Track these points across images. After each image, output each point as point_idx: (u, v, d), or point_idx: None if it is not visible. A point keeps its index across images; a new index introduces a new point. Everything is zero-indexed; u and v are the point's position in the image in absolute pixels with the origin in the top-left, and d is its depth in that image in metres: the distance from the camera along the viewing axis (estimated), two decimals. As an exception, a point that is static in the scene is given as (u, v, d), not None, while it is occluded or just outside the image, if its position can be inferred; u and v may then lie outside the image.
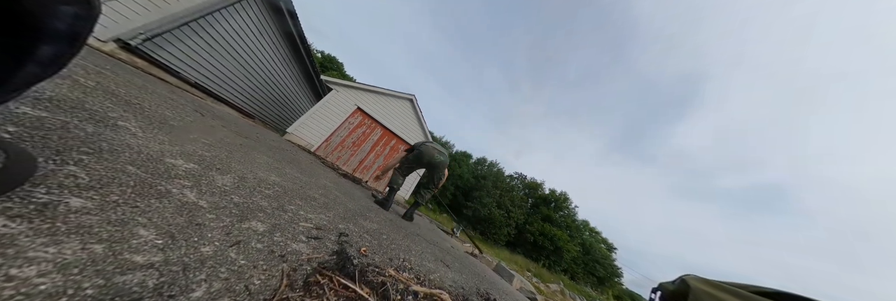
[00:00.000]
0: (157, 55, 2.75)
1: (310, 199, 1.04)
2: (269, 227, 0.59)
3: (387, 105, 5.87)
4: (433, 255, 1.33)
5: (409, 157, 2.25)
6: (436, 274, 1.00)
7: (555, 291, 7.00)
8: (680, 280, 0.62)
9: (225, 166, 0.85)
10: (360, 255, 0.74)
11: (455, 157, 19.27)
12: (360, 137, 5.49)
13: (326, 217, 0.93)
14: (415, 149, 2.28)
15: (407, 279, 0.77)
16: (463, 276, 1.27)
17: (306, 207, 0.91)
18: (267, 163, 1.26)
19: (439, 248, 1.65)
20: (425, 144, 2.25)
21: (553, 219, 16.65)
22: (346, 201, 1.43)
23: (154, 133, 0.77)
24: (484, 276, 1.66)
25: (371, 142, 5.69)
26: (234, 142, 1.31)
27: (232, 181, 0.75)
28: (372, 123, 5.68)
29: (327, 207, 1.07)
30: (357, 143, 5.45)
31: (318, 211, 0.94)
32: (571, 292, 8.62)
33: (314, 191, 1.24)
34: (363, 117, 5.50)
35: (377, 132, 5.80)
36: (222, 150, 1.03)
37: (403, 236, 1.34)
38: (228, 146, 1.14)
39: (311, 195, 1.13)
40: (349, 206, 1.33)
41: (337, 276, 0.54)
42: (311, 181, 1.47)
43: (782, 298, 0.47)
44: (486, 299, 1.09)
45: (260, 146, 1.64)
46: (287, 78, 5.17)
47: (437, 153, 2.20)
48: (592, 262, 15.38)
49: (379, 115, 5.69)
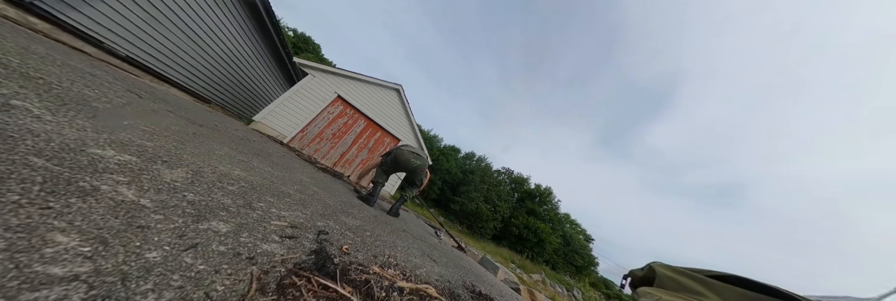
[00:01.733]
0: (68, 17, 2.21)
1: (283, 196, 0.97)
2: (234, 227, 0.55)
3: (371, 95, 5.54)
4: (420, 250, 1.36)
5: (387, 161, 2.26)
6: (422, 269, 1.03)
7: (536, 281, 7.71)
8: (647, 267, 0.73)
9: (174, 159, 0.75)
10: (342, 254, 0.73)
11: (443, 151, 19.33)
12: (342, 129, 5.19)
13: (303, 214, 0.89)
14: (389, 154, 2.28)
15: (392, 276, 0.78)
16: (449, 270, 1.32)
17: (279, 204, 0.85)
18: (229, 155, 1.14)
19: (426, 244, 1.69)
20: (400, 149, 2.25)
21: (537, 212, 17.87)
22: (325, 197, 1.38)
23: (69, 117, 0.65)
24: (470, 269, 1.75)
25: (353, 133, 5.41)
26: (186, 130, 1.16)
27: (184, 176, 0.66)
28: (354, 114, 5.37)
29: (304, 204, 1.02)
30: (338, 134, 5.15)
31: (293, 208, 0.89)
32: (552, 281, 9.57)
33: (288, 186, 1.17)
34: (345, 107, 5.16)
35: (360, 123, 5.52)
36: (170, 139, 0.90)
37: (389, 232, 1.35)
38: (178, 135, 1.00)
39: (285, 191, 1.06)
40: (329, 203, 1.28)
41: (315, 277, 0.52)
42: (285, 176, 1.38)
43: (730, 280, 0.58)
44: (471, 291, 1.16)
45: (220, 136, 1.48)
46: (252, 57, 4.56)
47: (412, 158, 2.19)
48: (572, 252, 17.06)
49: (362, 106, 5.37)
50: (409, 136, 6.44)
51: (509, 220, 16.98)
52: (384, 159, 2.30)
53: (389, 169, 2.26)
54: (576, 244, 17.74)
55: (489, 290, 1.41)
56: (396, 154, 2.20)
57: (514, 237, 15.81)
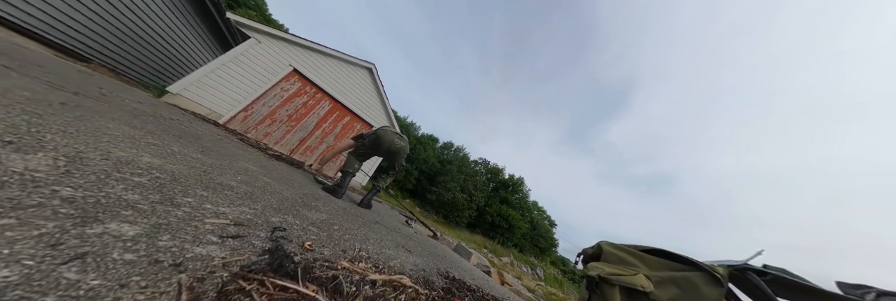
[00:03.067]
0: None
1: (222, 188, 0.84)
2: (147, 229, 0.45)
3: (338, 72, 4.89)
4: (394, 241, 1.38)
5: (366, 143, 2.11)
6: (396, 260, 1.06)
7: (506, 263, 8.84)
8: (596, 245, 0.88)
9: (29, 139, 0.55)
10: (305, 251, 0.68)
11: (421, 140, 19.10)
12: (300, 110, 4.54)
13: (251, 210, 0.78)
14: (364, 137, 2.14)
15: (364, 269, 0.77)
16: (424, 259, 1.37)
17: (216, 199, 0.73)
18: (131, 136, 0.90)
19: (401, 235, 1.72)
20: (383, 129, 2.13)
21: (510, 201, 19.77)
22: (281, 189, 1.24)
23: None
24: (444, 257, 1.87)
25: (316, 116, 4.82)
26: (47, 98, 0.85)
27: (50, 164, 0.50)
28: (317, 93, 4.72)
29: (252, 198, 0.90)
30: (295, 116, 4.52)
31: (236, 203, 0.78)
32: (519, 263, 11.16)
33: (229, 177, 1.01)
34: (304, 84, 4.46)
35: (324, 105, 4.92)
36: (16, 110, 0.65)
37: (360, 225, 1.31)
38: (32, 105, 0.73)
39: (225, 183, 0.91)
40: (286, 195, 1.16)
41: (271, 278, 0.48)
42: (224, 164, 1.17)
43: (654, 252, 0.75)
44: (445, 277, 1.25)
45: (112, 109, 1.15)
46: (163, 6, 3.45)
47: (397, 138, 2.11)
48: (537, 236, 19.79)
49: (327, 85, 4.73)
50: (384, 122, 6.06)
51: (484, 209, 18.46)
52: (361, 142, 2.14)
53: (369, 151, 2.12)
54: (541, 229, 20.56)
55: (462, 275, 1.53)
56: (379, 134, 2.07)
57: (487, 224, 17.41)
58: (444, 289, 1.05)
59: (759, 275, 0.61)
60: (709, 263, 0.64)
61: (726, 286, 0.60)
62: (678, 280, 0.63)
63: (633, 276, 0.67)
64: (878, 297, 0.52)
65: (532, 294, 3.52)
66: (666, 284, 0.63)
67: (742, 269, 0.62)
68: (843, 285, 0.57)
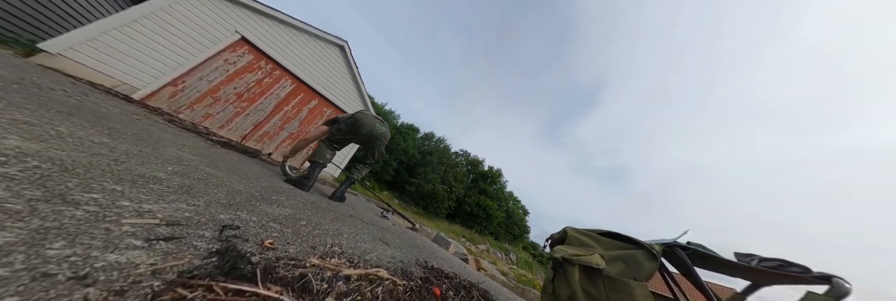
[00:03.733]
0: None
1: (146, 182, 0.70)
2: (25, 236, 0.35)
3: (303, 48, 4.25)
4: (370, 235, 1.36)
5: (342, 127, 1.94)
6: (373, 254, 1.05)
7: (482, 250, 9.58)
8: (562, 231, 1.00)
9: None
10: (265, 250, 0.62)
11: (400, 129, 18.52)
12: (253, 88, 3.91)
13: (190, 206, 0.67)
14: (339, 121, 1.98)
15: (337, 265, 0.75)
16: (403, 250, 1.39)
17: (137, 194, 0.61)
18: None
19: (378, 228, 1.70)
20: (362, 112, 1.97)
21: (488, 192, 20.96)
22: (231, 182, 1.09)
23: None
24: (423, 248, 1.92)
25: (274, 97, 4.23)
26: None
27: None
28: (275, 70, 4.07)
29: (191, 192, 0.77)
30: (247, 96, 3.89)
31: (168, 198, 0.66)
32: (494, 249, 12.24)
33: (155, 167, 0.84)
34: (257, 57, 3.80)
35: (286, 85, 4.32)
36: None
37: (332, 220, 1.25)
38: None
39: (149, 174, 0.76)
40: (239, 189, 1.03)
41: (221, 283, 0.43)
42: (146, 152, 0.97)
43: (610, 235, 0.87)
44: (424, 267, 1.29)
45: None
46: None
47: (378, 123, 1.99)
48: (512, 224, 21.61)
49: (288, 61, 4.10)
50: (359, 108, 5.63)
51: (463, 200, 19.31)
52: (336, 127, 1.97)
53: (345, 137, 1.97)
54: (515, 217, 22.47)
55: (441, 264, 1.60)
56: (357, 118, 1.92)
57: (466, 215, 18.37)
58: (423, 278, 1.09)
59: (683, 249, 0.76)
60: (648, 242, 0.78)
61: (660, 260, 0.74)
62: (625, 257, 0.75)
63: (589, 256, 0.77)
64: (760, 262, 0.72)
65: (505, 277, 3.92)
66: (615, 261, 0.75)
67: (671, 246, 0.78)
68: (738, 255, 0.76)
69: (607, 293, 0.69)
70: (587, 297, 0.72)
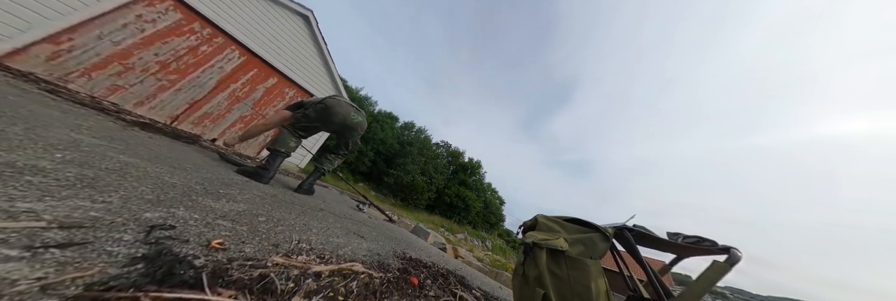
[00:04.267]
0: None
1: (18, 173, 0.54)
2: None
3: (254, 12, 3.56)
4: (344, 228, 1.32)
5: (310, 114, 1.72)
6: (347, 248, 1.02)
7: (460, 239, 10.15)
8: (534, 218, 1.09)
9: None
10: (212, 251, 0.55)
11: (377, 117, 17.62)
12: (186, 57, 3.22)
13: (98, 204, 0.55)
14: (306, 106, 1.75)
15: (305, 262, 0.71)
16: (380, 243, 1.38)
17: (5, 189, 0.47)
18: None
19: (353, 221, 1.66)
20: (334, 98, 1.77)
21: (468, 183, 21.81)
22: (159, 173, 0.92)
23: None
24: (401, 239, 1.95)
25: (217, 70, 3.56)
26: None
27: None
28: (217, 36, 3.39)
29: (97, 186, 0.63)
30: (179, 67, 3.21)
31: (58, 194, 0.53)
32: (472, 237, 13.06)
33: (33, 154, 0.66)
34: (188, 17, 3.08)
35: (233, 57, 3.66)
36: None
37: (298, 214, 1.17)
38: None
39: (25, 163, 0.59)
40: (171, 181, 0.88)
41: (153, 292, 0.37)
42: (11, 132, 0.75)
43: (574, 221, 0.98)
44: (402, 258, 1.31)
45: None
46: None
47: (353, 112, 1.82)
48: (489, 213, 23.08)
49: (235, 27, 3.44)
50: (329, 90, 5.07)
51: (443, 191, 19.81)
52: (302, 113, 1.74)
53: (313, 125, 1.76)
54: (493, 207, 24.00)
55: (419, 255, 1.65)
56: (329, 104, 1.71)
57: (445, 205, 19.00)
58: (401, 269, 1.11)
59: (630, 231, 0.91)
60: (603, 226, 0.92)
61: (611, 241, 0.87)
62: (584, 240, 0.86)
63: (555, 240, 0.88)
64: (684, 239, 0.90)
65: (481, 263, 4.25)
66: (576, 244, 0.86)
67: (621, 228, 0.92)
68: (669, 233, 0.94)
69: (568, 271, 0.80)
70: (551, 275, 0.82)
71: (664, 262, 1.08)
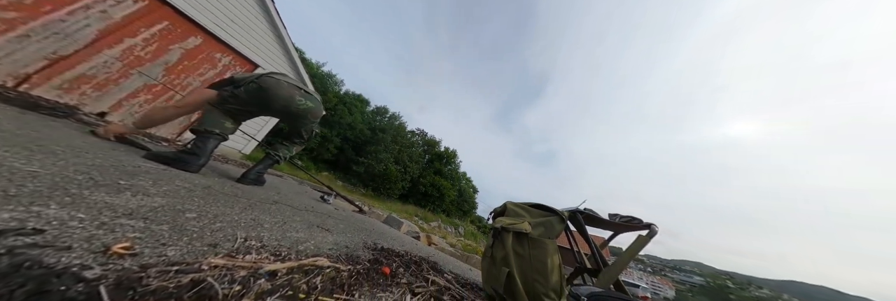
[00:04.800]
0: None
1: None
2: None
3: None
4: (305, 222, 1.23)
5: (240, 95, 1.37)
6: (309, 242, 0.96)
7: (434, 227, 10.59)
8: (503, 205, 1.20)
9: None
10: (115, 258, 0.44)
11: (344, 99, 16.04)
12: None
13: None
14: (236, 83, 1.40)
15: (254, 261, 0.64)
16: (347, 235, 1.35)
17: None
18: None
19: (315, 214, 1.55)
20: (272, 77, 1.41)
21: (443, 172, 22.27)
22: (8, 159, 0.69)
23: None
24: (372, 230, 1.92)
25: (97, 16, 2.65)
26: None
27: None
28: None
29: None
30: (29, 3, 2.29)
31: None
32: (445, 225, 13.73)
33: None
34: None
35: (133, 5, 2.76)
36: None
37: (243, 208, 1.03)
38: None
39: None
40: (26, 169, 0.66)
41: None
42: None
43: (537, 206, 1.09)
44: (373, 249, 1.30)
45: None
46: None
47: (298, 94, 1.47)
48: (462, 201, 24.29)
49: None
50: (279, 62, 4.29)
51: (418, 180, 19.94)
52: (230, 93, 1.39)
53: (245, 109, 1.42)
54: (466, 195, 25.26)
55: (392, 244, 1.66)
56: (266, 85, 1.37)
57: (420, 195, 19.27)
58: (372, 260, 1.10)
59: (581, 214, 1.09)
60: (560, 210, 1.08)
61: (566, 223, 1.00)
62: (544, 223, 0.98)
63: (521, 224, 1.00)
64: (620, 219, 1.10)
65: (453, 248, 4.54)
66: (538, 226, 0.98)
67: (574, 211, 1.09)
68: (610, 214, 1.15)
69: (530, 250, 0.93)
70: (516, 255, 0.95)
71: (604, 238, 1.31)
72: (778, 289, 63.28)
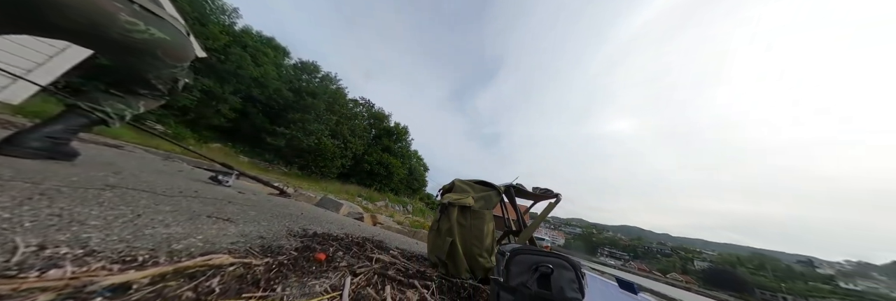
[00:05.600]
0: None
1: None
2: None
3: None
4: (183, 212, 0.96)
5: None
6: (193, 238, 0.75)
7: (380, 206, 10.60)
8: (451, 182, 1.35)
9: None
10: None
11: (241, 39, 11.64)
12: None
13: None
14: None
15: (71, 277, 0.43)
16: (263, 224, 1.17)
17: None
18: None
19: (201, 200, 1.23)
20: None
21: (392, 149, 21.52)
22: None
23: None
24: (301, 215, 1.73)
25: None
26: None
27: None
28: None
29: None
30: None
31: None
32: (393, 204, 13.90)
33: None
34: None
35: None
36: None
37: (26, 198, 0.67)
38: None
39: None
40: None
41: None
42: None
43: (481, 183, 1.28)
44: (302, 236, 1.18)
45: None
46: None
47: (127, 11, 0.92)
48: (413, 179, 24.79)
49: None
50: None
51: (362, 158, 18.71)
52: None
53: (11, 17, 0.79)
54: (417, 173, 25.83)
55: (329, 228, 1.56)
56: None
57: (364, 173, 18.37)
58: (301, 248, 1.01)
59: (513, 188, 1.33)
60: (498, 185, 1.28)
61: (502, 196, 1.23)
62: (485, 197, 1.18)
63: (465, 199, 1.15)
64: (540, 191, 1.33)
65: (400, 225, 4.76)
66: (479, 200, 1.16)
67: (508, 186, 1.33)
68: (534, 188, 1.40)
69: (471, 221, 1.11)
70: (459, 225, 1.12)
71: (526, 206, 1.64)
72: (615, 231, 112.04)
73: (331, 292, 0.72)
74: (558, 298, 0.59)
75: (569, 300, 0.59)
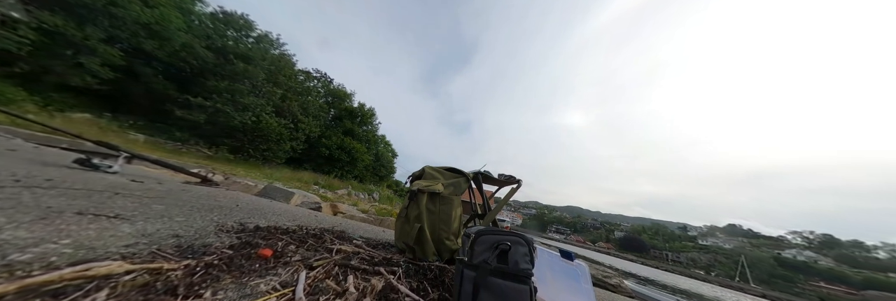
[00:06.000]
0: None
1: None
2: None
3: None
4: (31, 209, 0.72)
5: None
6: (56, 243, 0.56)
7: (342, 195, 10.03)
8: (421, 169, 1.37)
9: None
10: None
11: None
12: None
13: None
14: None
15: None
16: (176, 220, 0.99)
17: None
18: None
19: (61, 191, 0.96)
20: None
21: (355, 133, 19.91)
22: None
23: None
24: (235, 208, 1.51)
25: None
26: None
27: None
28: None
29: None
30: None
31: None
32: (357, 191, 13.21)
33: None
34: None
35: None
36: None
37: None
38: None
39: None
40: None
41: None
42: None
43: (450, 170, 1.32)
44: (239, 232, 1.02)
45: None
46: None
47: None
48: (379, 166, 23.78)
49: None
50: None
51: (318, 141, 17.01)
52: None
53: None
54: (384, 159, 24.85)
55: (276, 220, 1.41)
56: None
57: (322, 159, 16.82)
58: (238, 245, 0.87)
59: (481, 174, 1.39)
60: (467, 172, 1.33)
61: (470, 182, 1.30)
62: (454, 183, 1.22)
63: (435, 186, 1.17)
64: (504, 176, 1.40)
65: (365, 214, 4.63)
66: (448, 186, 1.20)
67: (476, 173, 1.38)
68: (500, 174, 1.47)
69: (440, 206, 1.15)
70: (428, 211, 1.14)
71: (491, 191, 1.75)
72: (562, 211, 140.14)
73: (281, 289, 0.63)
74: (513, 270, 0.66)
75: (521, 271, 0.66)
